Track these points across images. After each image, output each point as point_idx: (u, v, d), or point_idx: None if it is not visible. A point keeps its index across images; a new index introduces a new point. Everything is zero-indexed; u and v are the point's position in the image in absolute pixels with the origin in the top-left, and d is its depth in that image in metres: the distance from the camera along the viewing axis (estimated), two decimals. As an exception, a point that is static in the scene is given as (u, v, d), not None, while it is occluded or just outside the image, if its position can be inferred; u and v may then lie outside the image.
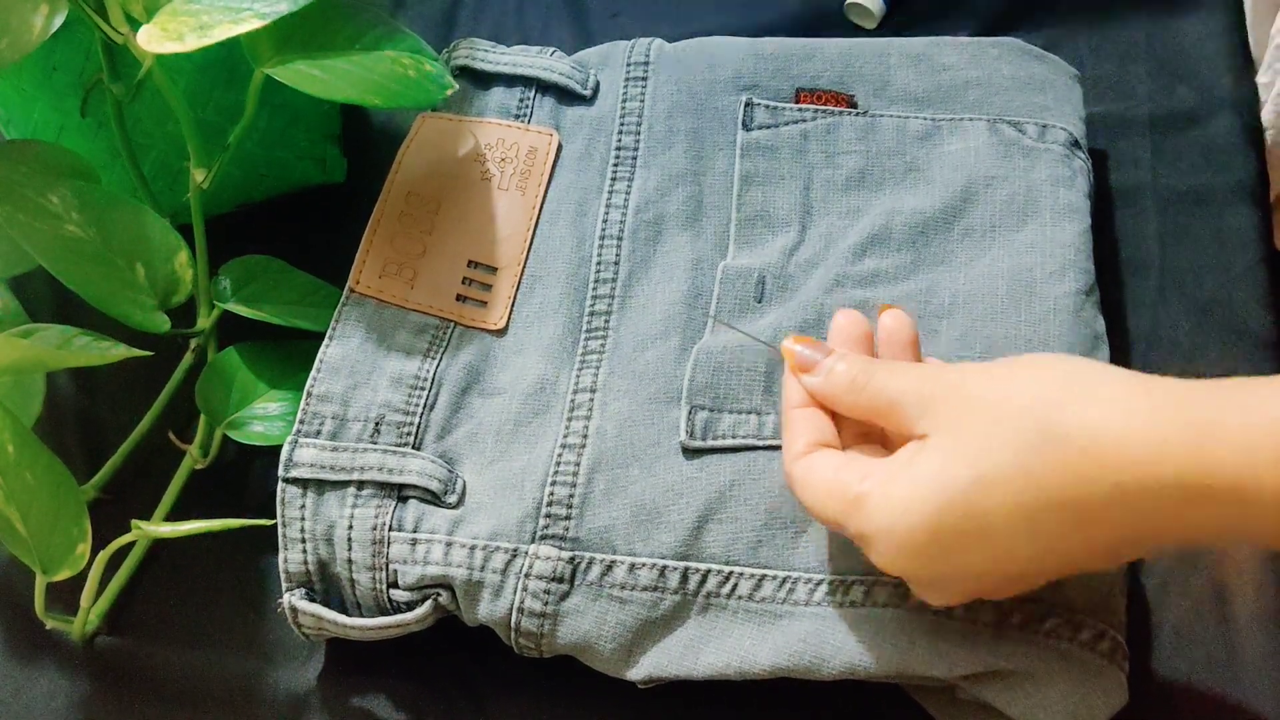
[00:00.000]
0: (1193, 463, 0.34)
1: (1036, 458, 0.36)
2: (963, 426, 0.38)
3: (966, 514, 0.37)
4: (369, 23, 0.54)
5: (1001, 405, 0.37)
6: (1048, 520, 0.36)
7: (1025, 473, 0.36)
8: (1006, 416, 0.37)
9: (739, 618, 0.46)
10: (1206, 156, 0.60)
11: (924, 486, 0.38)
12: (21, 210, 0.50)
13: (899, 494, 0.38)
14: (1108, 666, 0.43)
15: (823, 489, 0.41)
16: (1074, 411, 0.36)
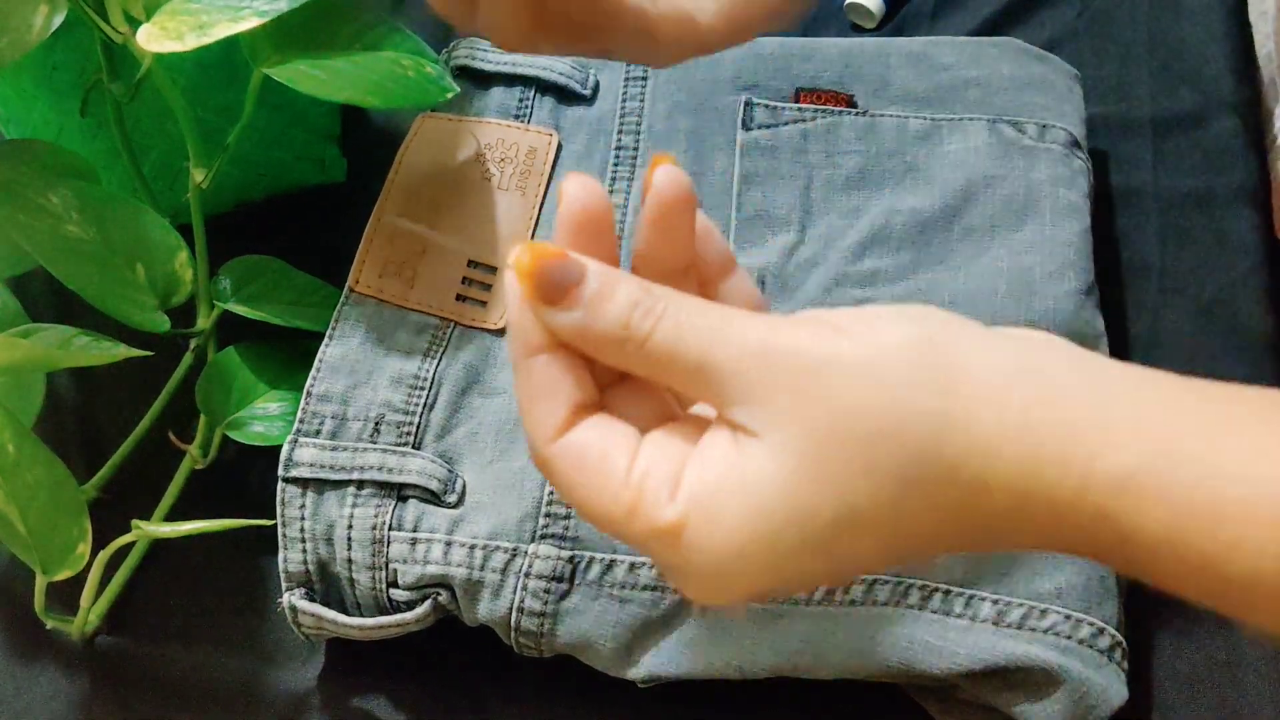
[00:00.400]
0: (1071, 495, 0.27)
1: (919, 491, 0.28)
2: (813, 435, 0.28)
3: (825, 554, 0.28)
4: (369, 23, 0.54)
5: (867, 411, 0.28)
6: (912, 548, 0.29)
7: (898, 513, 0.28)
8: (876, 432, 0.27)
9: (738, 617, 0.46)
10: (1207, 158, 0.60)
11: (769, 521, 0.28)
12: (21, 210, 0.50)
13: (730, 527, 0.28)
14: (1107, 664, 0.43)
15: (606, 498, 0.29)
16: (960, 428, 0.28)
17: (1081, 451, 0.27)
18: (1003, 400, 0.28)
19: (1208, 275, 0.56)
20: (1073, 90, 0.58)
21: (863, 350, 0.28)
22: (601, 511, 0.29)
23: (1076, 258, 0.51)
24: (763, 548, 0.28)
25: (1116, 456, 0.27)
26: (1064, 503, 0.27)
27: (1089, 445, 0.27)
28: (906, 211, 0.53)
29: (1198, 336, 0.55)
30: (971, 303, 0.51)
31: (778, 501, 0.28)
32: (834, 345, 0.28)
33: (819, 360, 0.28)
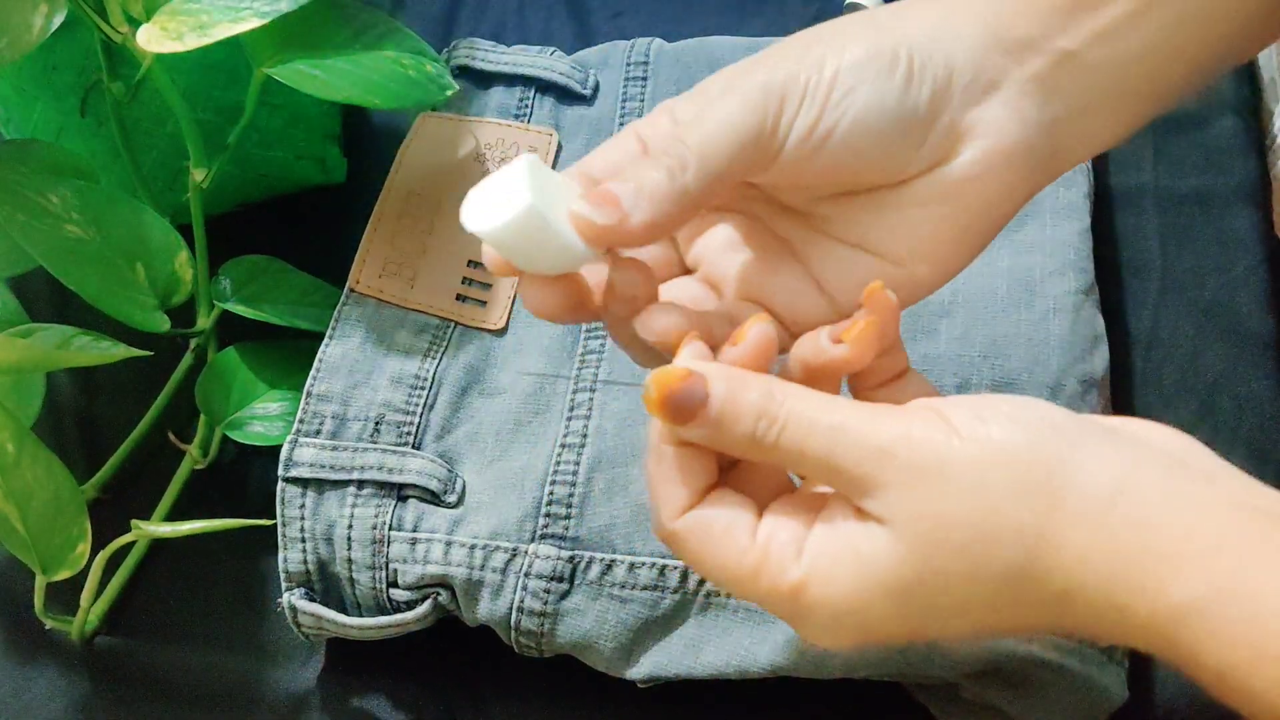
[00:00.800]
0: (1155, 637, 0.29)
1: (1010, 591, 0.30)
2: (931, 535, 0.30)
3: (916, 623, 0.31)
4: (369, 23, 0.54)
5: (971, 519, 0.30)
6: (992, 633, 0.33)
7: (992, 605, 0.30)
8: (978, 539, 0.30)
9: (739, 617, 0.46)
10: (1208, 158, 0.60)
11: (881, 594, 0.31)
12: (21, 210, 0.50)
13: (846, 594, 0.31)
14: (1108, 664, 0.43)
15: (731, 563, 0.32)
16: (1053, 545, 0.30)
17: (1153, 581, 0.28)
18: (1096, 523, 0.29)
19: (1208, 275, 0.56)
20: (1073, 90, 0.57)
21: (974, 455, 0.30)
22: (729, 573, 0.32)
23: (1076, 257, 0.51)
24: (865, 614, 0.31)
25: (1186, 587, 0.28)
26: (1136, 625, 0.29)
27: (1162, 575, 0.28)
28: (907, 211, 0.53)
29: (1198, 336, 0.55)
30: (971, 302, 0.51)
31: (886, 583, 0.30)
32: (947, 448, 0.30)
33: (934, 463, 0.30)
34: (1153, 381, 0.54)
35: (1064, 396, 0.48)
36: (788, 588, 0.31)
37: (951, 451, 0.30)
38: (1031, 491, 0.30)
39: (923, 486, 0.30)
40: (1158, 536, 0.29)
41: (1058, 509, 0.30)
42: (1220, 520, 0.29)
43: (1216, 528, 0.29)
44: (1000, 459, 0.30)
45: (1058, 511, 0.30)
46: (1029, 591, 0.30)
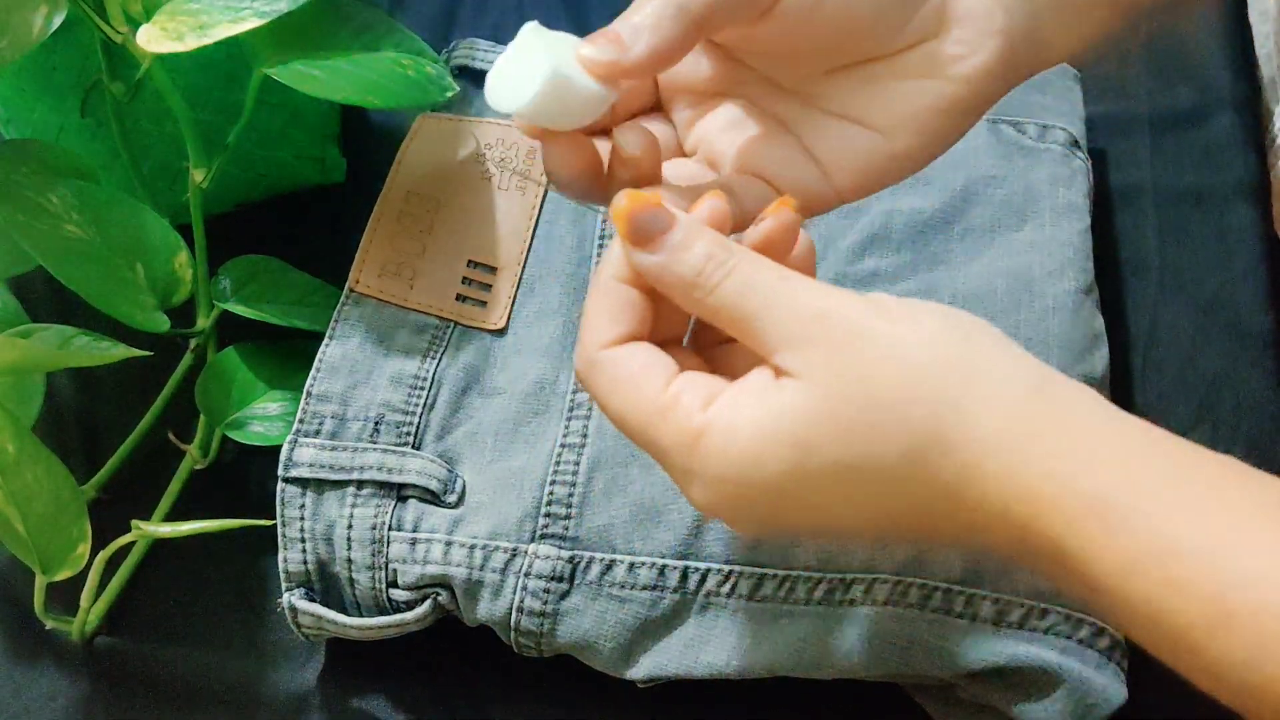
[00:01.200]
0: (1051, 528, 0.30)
1: (917, 462, 0.31)
2: (844, 390, 0.31)
3: (818, 490, 0.32)
4: (368, 23, 0.54)
5: (890, 381, 0.31)
6: (889, 518, 0.32)
7: (887, 476, 0.31)
8: (893, 401, 0.31)
9: (739, 617, 0.46)
10: (1206, 156, 0.60)
11: (780, 446, 0.31)
12: (21, 210, 0.50)
13: (746, 441, 0.31)
14: (1107, 664, 0.43)
15: (644, 400, 0.33)
16: (967, 421, 0.31)
17: (1060, 475, 0.30)
18: (1011, 411, 0.31)
19: (1207, 273, 0.56)
20: (1072, 89, 0.58)
21: (902, 330, 0.32)
22: (635, 412, 0.33)
23: (1076, 257, 0.51)
24: (766, 470, 0.31)
25: (1087, 483, 0.29)
26: (1028, 519, 0.30)
27: (1066, 471, 0.30)
28: (906, 211, 0.53)
29: (1197, 334, 0.55)
30: (971, 302, 0.51)
31: (790, 431, 0.31)
32: (878, 320, 0.32)
33: (862, 329, 0.32)
34: (1152, 380, 0.54)
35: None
36: (689, 432, 0.32)
37: (881, 324, 0.32)
38: (954, 368, 0.31)
39: (848, 349, 0.31)
40: (1067, 439, 0.30)
41: (978, 387, 0.31)
42: (1135, 440, 0.31)
43: (1128, 444, 0.30)
44: (926, 335, 0.32)
45: (978, 389, 0.31)
46: (931, 468, 0.31)
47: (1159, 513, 0.29)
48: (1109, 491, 0.29)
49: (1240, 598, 0.27)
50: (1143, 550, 0.28)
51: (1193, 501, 0.29)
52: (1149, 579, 0.28)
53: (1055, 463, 0.30)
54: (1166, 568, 0.28)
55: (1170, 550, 0.28)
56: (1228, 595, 0.27)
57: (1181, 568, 0.28)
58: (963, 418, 0.31)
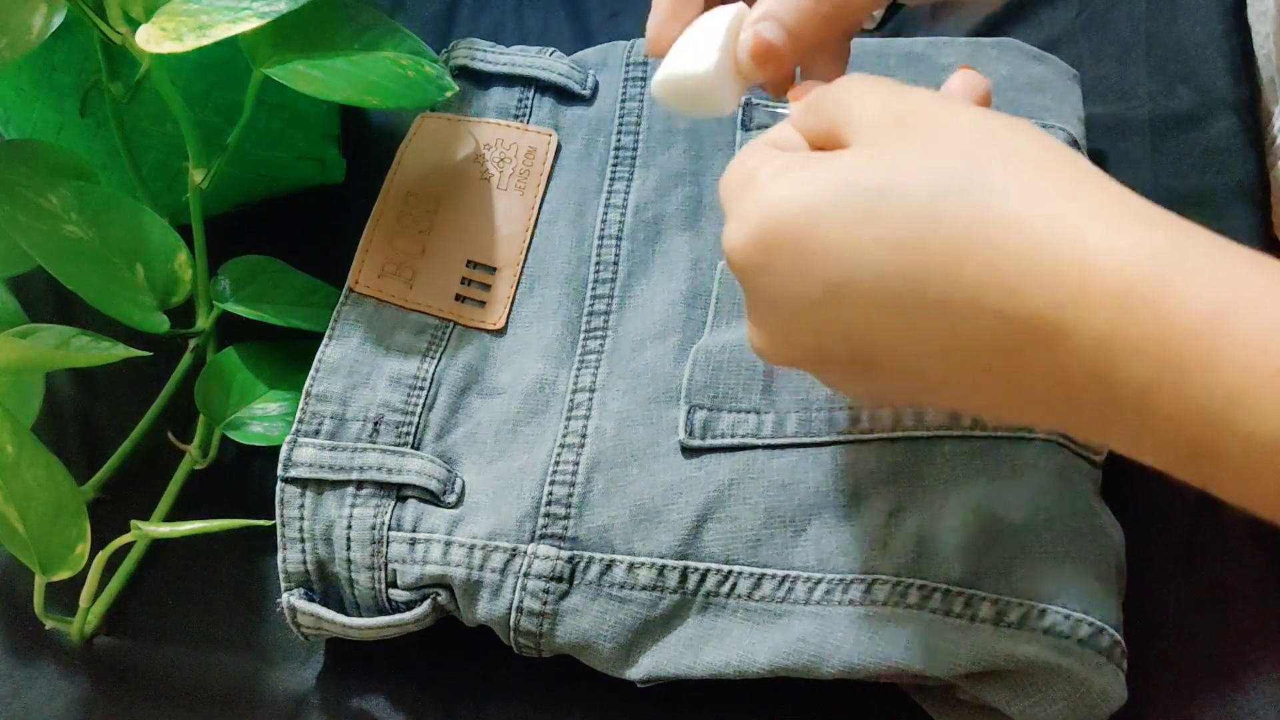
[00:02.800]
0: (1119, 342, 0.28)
1: (963, 192, 0.30)
2: (900, 134, 0.32)
3: (850, 224, 0.31)
4: (368, 23, 0.54)
5: (956, 131, 0.32)
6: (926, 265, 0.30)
7: (937, 208, 0.30)
8: (957, 139, 0.31)
9: (738, 617, 0.46)
10: (1206, 157, 0.60)
11: (822, 178, 0.32)
12: (20, 210, 0.50)
13: (796, 177, 0.33)
14: (1106, 664, 0.43)
15: (735, 163, 0.36)
16: (1025, 170, 0.30)
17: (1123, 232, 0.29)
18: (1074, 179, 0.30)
19: (1207, 275, 0.56)
20: (1071, 90, 0.57)
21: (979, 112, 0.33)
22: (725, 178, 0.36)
23: (1075, 257, 0.51)
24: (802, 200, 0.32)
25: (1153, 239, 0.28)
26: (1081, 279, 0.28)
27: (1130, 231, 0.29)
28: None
29: (1197, 336, 0.55)
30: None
31: (834, 168, 0.32)
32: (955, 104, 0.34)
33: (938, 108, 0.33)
34: (1151, 381, 0.54)
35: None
36: (747, 170, 0.34)
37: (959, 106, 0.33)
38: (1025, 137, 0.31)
39: (914, 117, 0.32)
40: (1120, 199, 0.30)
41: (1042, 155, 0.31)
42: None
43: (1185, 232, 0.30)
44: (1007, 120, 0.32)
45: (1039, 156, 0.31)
46: (972, 203, 0.30)
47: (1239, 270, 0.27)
48: (1171, 244, 0.28)
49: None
50: (1232, 294, 0.27)
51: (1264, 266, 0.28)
52: (1241, 322, 0.26)
53: (1112, 223, 0.29)
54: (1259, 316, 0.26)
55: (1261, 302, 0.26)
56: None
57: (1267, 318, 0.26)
58: (1021, 170, 0.30)
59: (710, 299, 0.52)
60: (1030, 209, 0.29)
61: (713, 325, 0.51)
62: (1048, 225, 0.29)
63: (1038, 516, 0.44)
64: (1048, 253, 0.29)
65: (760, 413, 0.49)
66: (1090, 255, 0.28)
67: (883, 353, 0.32)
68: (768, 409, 0.49)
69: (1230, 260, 0.28)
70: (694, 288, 0.52)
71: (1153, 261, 0.28)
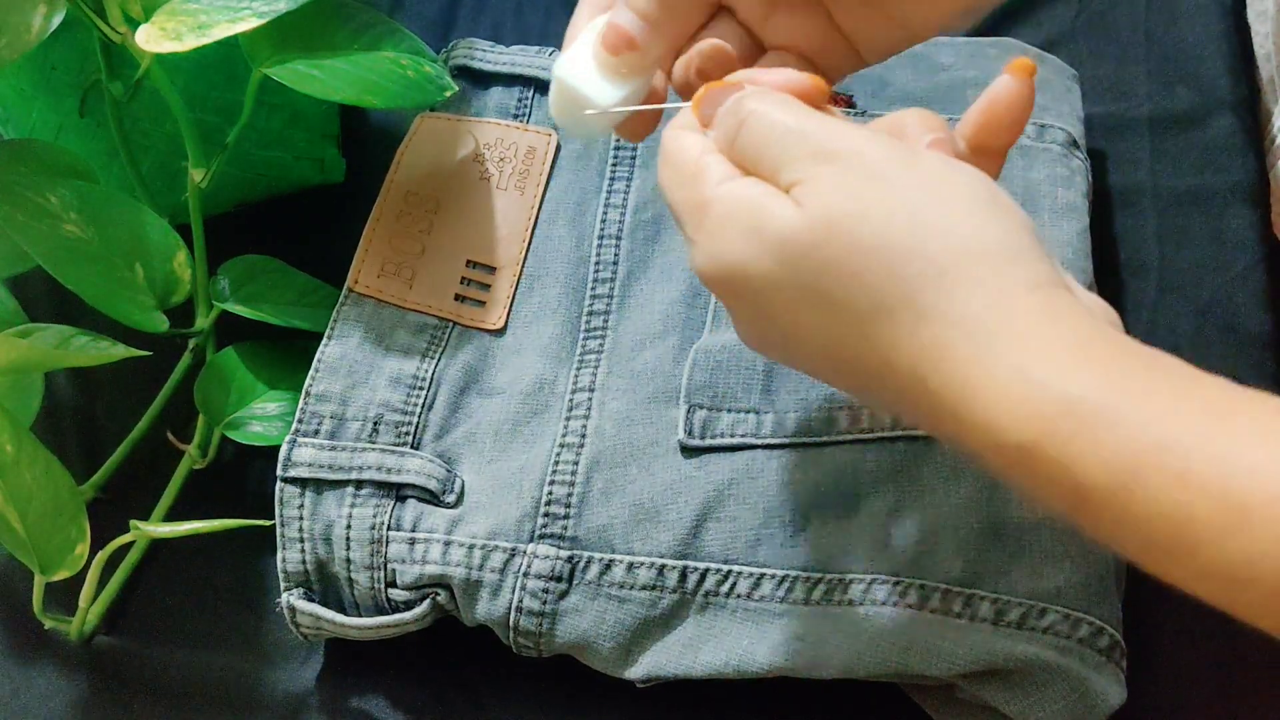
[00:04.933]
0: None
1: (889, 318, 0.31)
2: (840, 222, 0.32)
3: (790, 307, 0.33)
4: (367, 23, 0.54)
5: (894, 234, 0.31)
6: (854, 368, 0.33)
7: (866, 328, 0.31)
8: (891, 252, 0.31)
9: (737, 617, 0.46)
10: (1206, 157, 0.60)
11: (766, 252, 0.32)
12: (20, 210, 0.50)
13: (737, 235, 0.33)
14: (1106, 664, 0.43)
15: (685, 168, 0.36)
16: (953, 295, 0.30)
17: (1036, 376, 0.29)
18: (999, 301, 0.30)
19: (1206, 274, 0.56)
20: (1071, 90, 0.57)
21: (920, 180, 0.32)
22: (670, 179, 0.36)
23: (1075, 257, 0.51)
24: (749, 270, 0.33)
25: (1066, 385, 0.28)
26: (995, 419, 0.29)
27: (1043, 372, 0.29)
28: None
29: (1196, 335, 0.55)
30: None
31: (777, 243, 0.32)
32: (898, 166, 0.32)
33: (877, 171, 0.32)
34: (1151, 381, 0.54)
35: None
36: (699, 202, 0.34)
37: (900, 173, 0.32)
38: (959, 238, 0.31)
39: (856, 184, 0.32)
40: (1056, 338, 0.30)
41: (974, 264, 0.31)
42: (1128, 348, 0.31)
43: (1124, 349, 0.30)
44: (947, 199, 0.32)
45: (972, 266, 0.31)
46: (897, 332, 0.31)
47: (1154, 413, 0.27)
48: (1093, 394, 0.28)
49: (1252, 488, 0.26)
50: (1138, 449, 0.27)
51: (1189, 403, 0.28)
52: (1147, 478, 0.27)
53: (1031, 361, 0.29)
54: (1167, 466, 0.27)
55: (1169, 448, 0.27)
56: (1238, 488, 0.26)
57: (1184, 464, 0.26)
58: (948, 291, 0.30)
59: (709, 299, 0.52)
60: (945, 341, 0.30)
61: (712, 325, 0.51)
62: (958, 363, 0.30)
63: (1037, 516, 0.44)
64: (956, 393, 0.30)
65: (760, 412, 0.49)
66: (994, 404, 0.29)
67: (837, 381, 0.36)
68: (767, 409, 0.49)
69: (1148, 398, 0.28)
70: (693, 287, 0.52)
71: (1062, 417, 0.28)
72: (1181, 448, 0.27)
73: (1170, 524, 0.27)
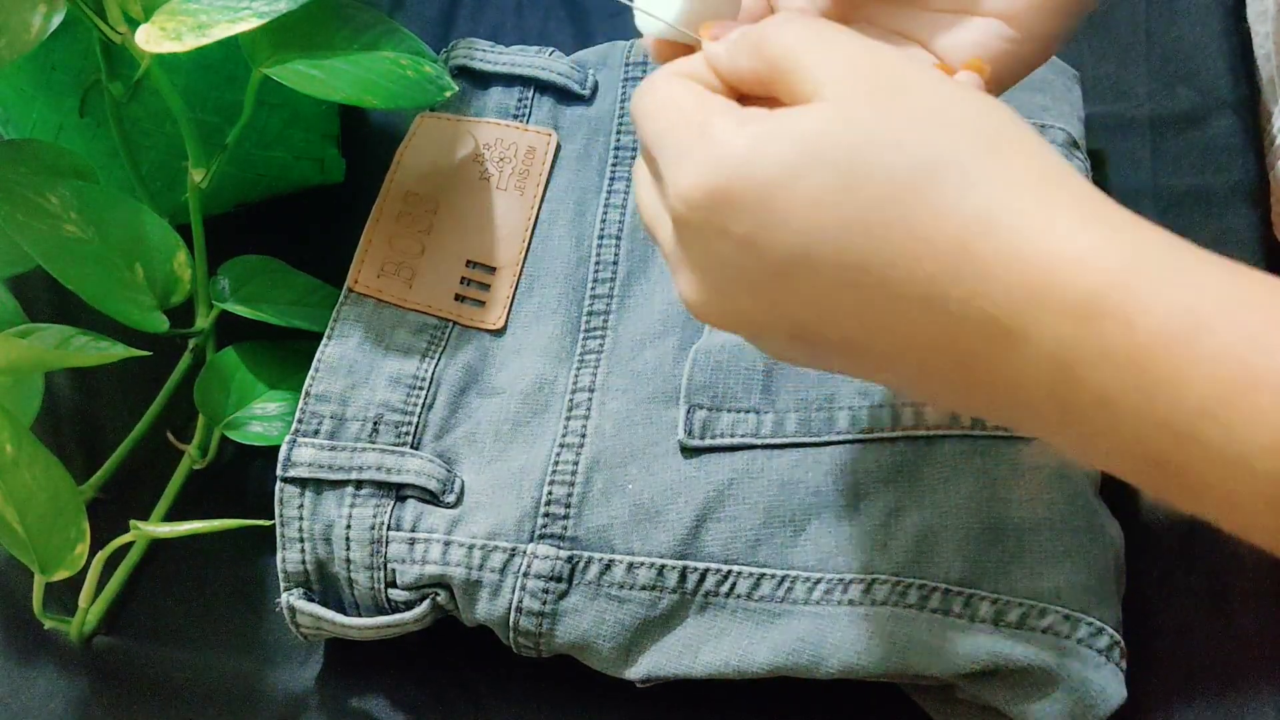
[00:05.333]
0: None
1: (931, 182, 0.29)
2: (871, 96, 0.30)
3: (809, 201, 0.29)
4: (367, 23, 0.54)
5: (933, 105, 0.30)
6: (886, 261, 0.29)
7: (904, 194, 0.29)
8: (931, 118, 0.29)
9: (737, 617, 0.46)
10: (1206, 157, 0.60)
11: (782, 140, 0.30)
12: (20, 210, 0.50)
13: (757, 133, 0.30)
14: (1106, 664, 0.43)
15: (672, 106, 0.33)
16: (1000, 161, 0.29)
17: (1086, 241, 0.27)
18: (1048, 174, 0.29)
19: (1206, 275, 0.56)
20: (1071, 90, 0.57)
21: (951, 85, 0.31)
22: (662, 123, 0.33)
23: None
24: (760, 165, 0.30)
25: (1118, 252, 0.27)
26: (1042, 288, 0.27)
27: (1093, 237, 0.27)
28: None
29: (1196, 336, 0.55)
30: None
31: (797, 129, 0.30)
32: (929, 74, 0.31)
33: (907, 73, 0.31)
34: (1151, 381, 0.54)
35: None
36: (700, 120, 0.31)
37: (930, 77, 0.31)
38: (999, 121, 0.30)
39: (885, 78, 0.30)
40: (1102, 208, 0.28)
41: (1019, 142, 0.29)
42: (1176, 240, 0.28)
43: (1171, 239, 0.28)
44: (982, 97, 0.31)
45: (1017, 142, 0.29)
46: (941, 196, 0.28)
47: (1215, 275, 0.26)
48: (1157, 250, 0.27)
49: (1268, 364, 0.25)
50: (1202, 304, 0.26)
51: (1244, 277, 0.27)
52: (1212, 330, 0.25)
53: (1089, 219, 0.27)
54: (1236, 319, 0.25)
55: (1233, 307, 0.26)
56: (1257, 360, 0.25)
57: (1254, 320, 0.25)
58: (998, 158, 0.29)
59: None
60: (997, 205, 0.28)
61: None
62: (1013, 226, 0.28)
63: (1037, 516, 0.44)
64: (1010, 256, 0.28)
65: (760, 412, 0.49)
66: (1054, 261, 0.27)
67: (829, 331, 0.31)
68: (767, 409, 0.49)
69: (1201, 269, 0.27)
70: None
71: (1120, 270, 0.27)
72: (1246, 308, 0.26)
73: (1232, 384, 0.25)
